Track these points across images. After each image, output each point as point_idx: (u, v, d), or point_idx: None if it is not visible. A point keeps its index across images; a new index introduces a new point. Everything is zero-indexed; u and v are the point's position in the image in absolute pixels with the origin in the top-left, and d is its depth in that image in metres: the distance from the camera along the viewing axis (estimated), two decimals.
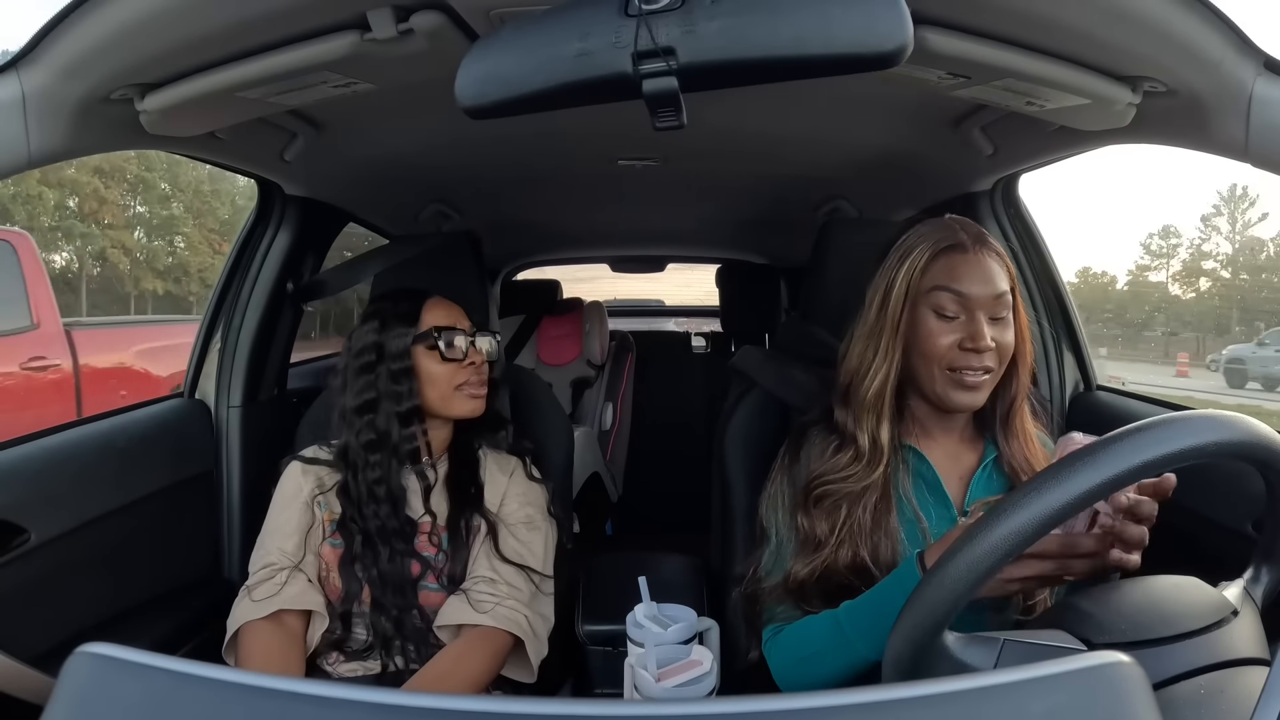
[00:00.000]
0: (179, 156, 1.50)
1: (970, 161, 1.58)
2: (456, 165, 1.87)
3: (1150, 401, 1.59)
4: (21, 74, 0.91)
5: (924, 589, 0.64)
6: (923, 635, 0.64)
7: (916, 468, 1.10)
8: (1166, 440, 0.60)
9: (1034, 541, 0.62)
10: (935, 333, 1.04)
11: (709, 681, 0.89)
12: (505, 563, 1.30)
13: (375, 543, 1.27)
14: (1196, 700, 0.60)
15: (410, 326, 1.32)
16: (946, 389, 1.05)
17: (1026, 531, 0.60)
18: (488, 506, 1.34)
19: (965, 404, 1.05)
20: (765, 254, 3.37)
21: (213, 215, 30.61)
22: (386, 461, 1.29)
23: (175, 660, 0.44)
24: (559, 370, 3.19)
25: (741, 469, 1.35)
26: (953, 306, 1.04)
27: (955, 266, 1.05)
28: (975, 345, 1.02)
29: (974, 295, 1.03)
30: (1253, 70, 0.86)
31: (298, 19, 0.93)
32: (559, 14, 0.73)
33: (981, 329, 1.02)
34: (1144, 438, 0.60)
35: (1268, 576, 0.75)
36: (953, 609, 0.63)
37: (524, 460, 1.43)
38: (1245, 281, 30.10)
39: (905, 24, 0.67)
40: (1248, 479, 0.89)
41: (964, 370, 1.03)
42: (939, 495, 1.08)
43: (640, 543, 2.79)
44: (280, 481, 1.35)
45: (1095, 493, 0.59)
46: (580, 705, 0.44)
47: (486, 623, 1.22)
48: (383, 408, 1.30)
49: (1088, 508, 0.62)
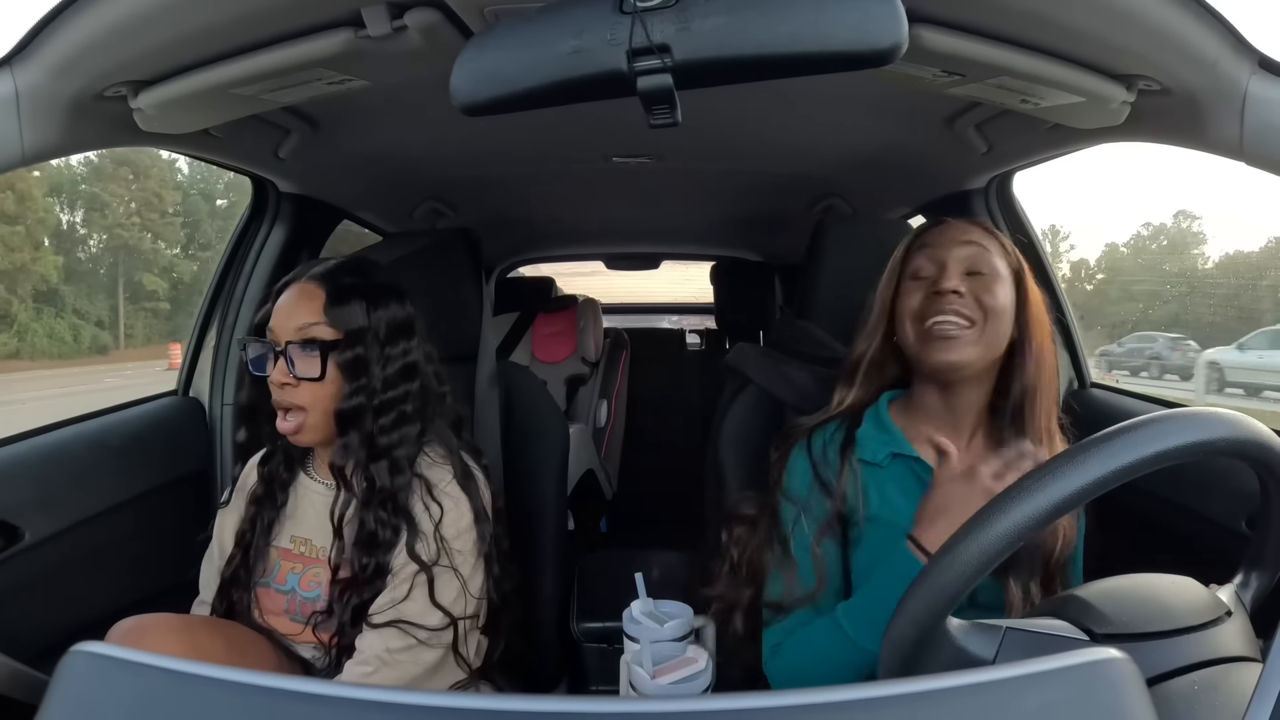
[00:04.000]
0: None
1: (964, 159, 1.58)
2: (451, 162, 1.87)
3: (1144, 399, 1.60)
4: (15, 71, 0.90)
5: (931, 571, 0.64)
6: (927, 618, 0.64)
7: (921, 476, 1.05)
8: (1164, 436, 0.60)
9: (1043, 528, 0.62)
10: (909, 291, 1.06)
11: (705, 678, 0.89)
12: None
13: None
14: (1190, 696, 0.60)
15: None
16: (923, 348, 1.03)
17: (1033, 520, 0.61)
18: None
19: (942, 358, 1.01)
20: (760, 251, 3.37)
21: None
22: (273, 469, 1.22)
23: (170, 659, 0.43)
24: (553, 368, 3.18)
25: (736, 466, 1.35)
26: (927, 266, 1.05)
27: (931, 230, 1.08)
28: (938, 288, 1.02)
29: (942, 248, 1.05)
30: (1247, 69, 0.86)
31: (292, 15, 0.93)
32: (554, 11, 0.73)
33: (949, 272, 1.02)
34: (1152, 430, 0.61)
35: (1257, 581, 0.75)
36: (959, 593, 0.63)
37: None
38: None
39: (900, 22, 0.67)
40: (1241, 476, 0.90)
41: (935, 321, 1.01)
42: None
43: (635, 540, 2.80)
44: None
45: (1106, 481, 0.60)
46: (577, 702, 0.44)
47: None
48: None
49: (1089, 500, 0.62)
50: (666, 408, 3.34)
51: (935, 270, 1.04)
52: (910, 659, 0.66)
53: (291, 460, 1.23)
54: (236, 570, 1.19)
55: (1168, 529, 1.29)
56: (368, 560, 1.12)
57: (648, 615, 0.97)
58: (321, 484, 1.21)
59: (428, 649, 1.10)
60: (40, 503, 1.25)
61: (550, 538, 1.51)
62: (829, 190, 2.19)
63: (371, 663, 1.08)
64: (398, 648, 1.09)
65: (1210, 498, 1.19)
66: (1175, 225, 29.00)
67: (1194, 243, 28.72)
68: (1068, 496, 0.60)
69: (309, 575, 1.18)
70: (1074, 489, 0.60)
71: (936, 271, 1.04)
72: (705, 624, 1.01)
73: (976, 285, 1.02)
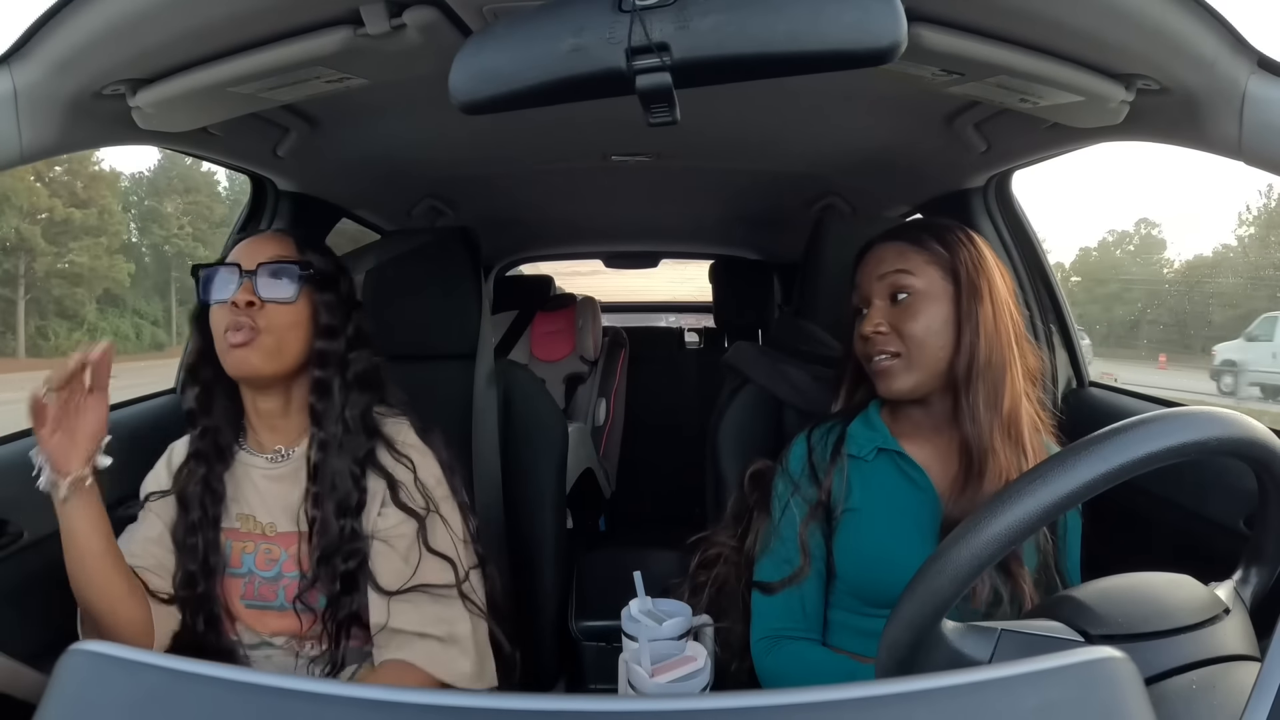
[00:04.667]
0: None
1: (963, 158, 1.58)
2: (450, 161, 1.87)
3: (1143, 398, 1.60)
4: (13, 69, 0.90)
5: (924, 576, 0.65)
6: (922, 622, 0.64)
7: (905, 469, 1.09)
8: (1162, 435, 0.60)
9: (1035, 531, 0.62)
10: (855, 324, 1.11)
11: (703, 677, 0.89)
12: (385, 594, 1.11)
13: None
14: (1188, 695, 0.60)
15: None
16: (874, 380, 1.09)
17: (1029, 520, 0.61)
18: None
19: (885, 389, 1.07)
20: (759, 250, 3.37)
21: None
22: (207, 448, 1.14)
23: (169, 658, 0.44)
24: (552, 366, 3.18)
25: (735, 465, 1.35)
26: (858, 302, 1.11)
27: (860, 265, 1.12)
28: (862, 330, 1.07)
29: (865, 284, 1.09)
30: (1246, 69, 0.86)
31: (290, 13, 0.93)
32: (553, 9, 0.72)
33: (871, 311, 1.07)
34: (1143, 431, 0.60)
35: (1256, 578, 0.75)
36: (953, 597, 0.63)
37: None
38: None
39: (899, 20, 0.67)
40: (1240, 475, 0.90)
41: (867, 359, 1.09)
42: (928, 498, 1.07)
43: (634, 539, 2.80)
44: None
45: (1095, 484, 0.60)
46: (575, 701, 0.44)
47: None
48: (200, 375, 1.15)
49: (1083, 500, 0.62)
50: (665, 406, 3.34)
51: (863, 304, 1.09)
52: (906, 662, 0.66)
53: (219, 444, 1.17)
54: (194, 575, 1.11)
55: (1166, 528, 1.29)
56: (343, 521, 1.09)
57: (646, 614, 0.97)
58: (262, 457, 1.17)
59: (452, 603, 1.11)
60: (40, 501, 1.25)
61: (549, 536, 1.51)
62: (828, 189, 2.19)
63: (417, 642, 1.07)
64: (431, 615, 1.09)
65: (1209, 497, 1.19)
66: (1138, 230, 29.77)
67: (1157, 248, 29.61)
68: (1057, 501, 0.60)
69: (261, 553, 1.14)
70: (1063, 493, 0.60)
71: (864, 306, 1.09)
72: (705, 623, 1.01)
73: (896, 315, 1.06)
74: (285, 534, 1.14)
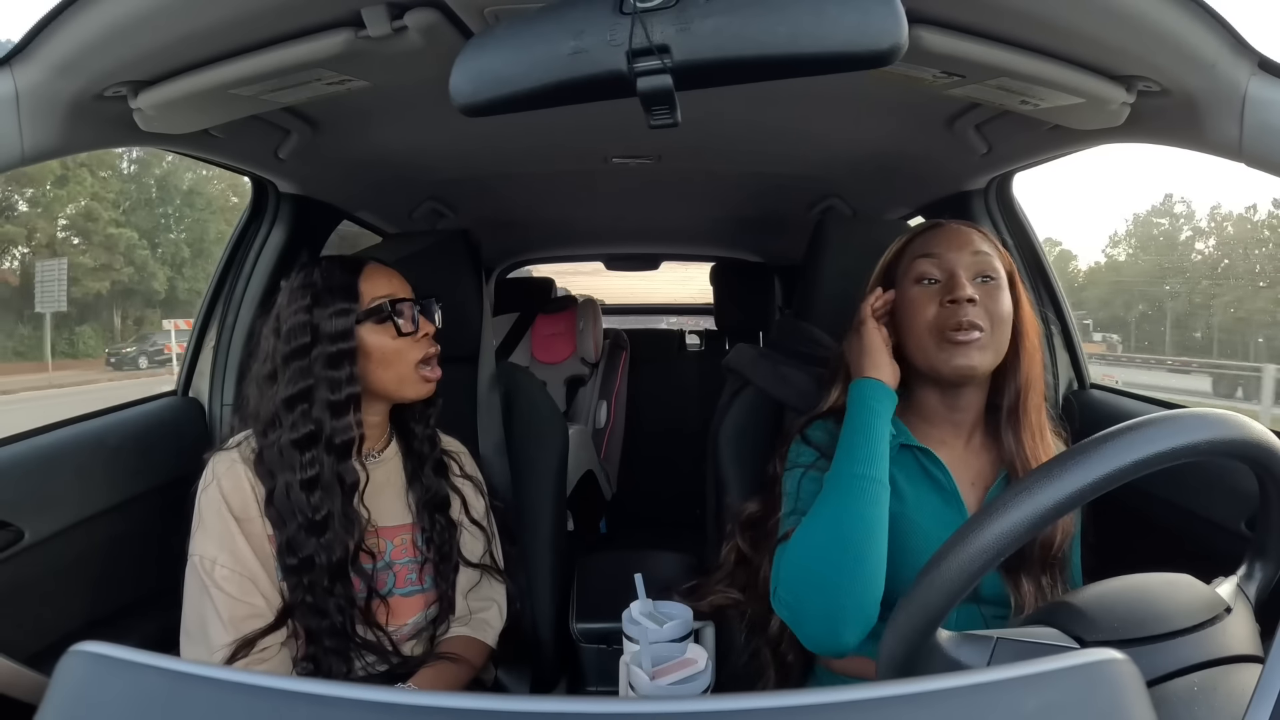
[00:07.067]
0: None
1: (964, 160, 1.58)
2: (451, 163, 1.87)
3: (1144, 400, 1.60)
4: (15, 71, 0.90)
5: (917, 589, 0.64)
6: (916, 634, 0.64)
7: (928, 468, 1.08)
8: (1161, 438, 0.60)
9: (1026, 540, 0.62)
10: (918, 299, 1.06)
11: (704, 679, 0.89)
12: (470, 566, 1.31)
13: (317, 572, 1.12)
14: (1190, 697, 0.60)
15: (350, 301, 1.15)
16: (939, 354, 1.03)
17: (1019, 530, 0.60)
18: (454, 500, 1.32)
19: (961, 366, 1.01)
20: (759, 252, 3.37)
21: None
22: (321, 458, 1.12)
23: (169, 659, 0.43)
24: (553, 368, 3.18)
25: (735, 467, 1.35)
26: (933, 270, 1.06)
27: (932, 236, 1.08)
28: (954, 296, 1.01)
29: (951, 255, 1.05)
30: (1247, 70, 0.86)
31: (292, 16, 0.93)
32: (553, 11, 0.73)
33: (961, 281, 1.02)
34: (1138, 435, 0.60)
35: (1261, 573, 0.75)
36: (946, 608, 0.63)
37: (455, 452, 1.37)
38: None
39: (900, 22, 0.67)
40: (1241, 477, 0.90)
41: (951, 329, 1.01)
42: (951, 499, 1.06)
43: (635, 541, 2.80)
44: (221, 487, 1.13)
45: (1088, 490, 0.59)
46: (575, 703, 0.44)
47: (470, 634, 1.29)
48: (318, 397, 1.12)
49: (1080, 505, 0.62)
50: (666, 408, 3.34)
51: (945, 277, 1.04)
52: (904, 675, 0.66)
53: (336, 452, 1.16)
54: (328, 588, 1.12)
55: (1167, 529, 1.29)
56: (440, 517, 1.27)
57: (647, 616, 0.97)
58: (380, 462, 1.25)
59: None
60: (40, 503, 1.25)
61: (550, 538, 1.52)
62: (829, 191, 2.19)
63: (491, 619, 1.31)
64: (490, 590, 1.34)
65: (1210, 498, 1.19)
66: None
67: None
68: (1045, 511, 0.60)
69: (398, 544, 1.25)
70: (1059, 498, 0.60)
71: (946, 278, 1.04)
72: (705, 625, 1.01)
73: (984, 292, 1.03)
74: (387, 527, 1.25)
